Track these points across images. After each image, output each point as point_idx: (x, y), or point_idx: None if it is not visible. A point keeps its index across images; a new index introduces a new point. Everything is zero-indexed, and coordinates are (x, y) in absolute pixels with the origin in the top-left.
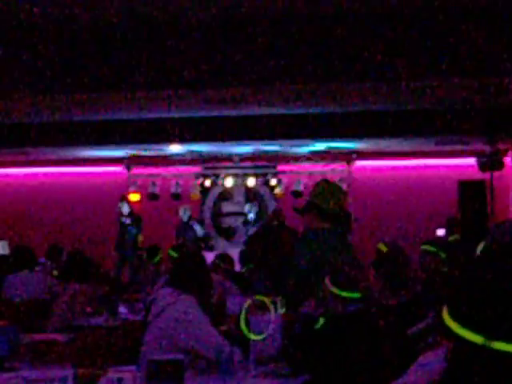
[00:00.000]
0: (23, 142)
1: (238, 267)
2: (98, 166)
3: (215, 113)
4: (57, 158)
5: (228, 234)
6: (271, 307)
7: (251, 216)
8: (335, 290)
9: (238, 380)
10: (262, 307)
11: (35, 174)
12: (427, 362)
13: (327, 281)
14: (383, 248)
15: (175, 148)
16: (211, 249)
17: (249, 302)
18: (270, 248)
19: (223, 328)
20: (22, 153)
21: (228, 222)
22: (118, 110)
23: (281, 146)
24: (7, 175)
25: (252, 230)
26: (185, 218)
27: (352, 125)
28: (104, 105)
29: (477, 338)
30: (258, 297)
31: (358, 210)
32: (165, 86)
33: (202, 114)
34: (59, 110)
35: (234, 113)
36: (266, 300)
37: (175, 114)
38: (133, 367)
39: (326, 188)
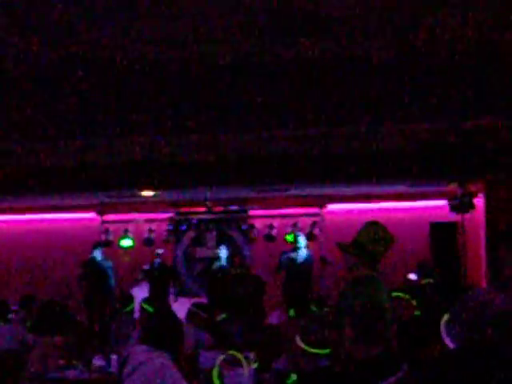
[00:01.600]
0: None
1: None
2: (69, 213)
3: (188, 158)
4: (28, 205)
5: (201, 279)
6: (244, 362)
7: (223, 262)
8: (305, 347)
9: None
10: (235, 362)
11: (6, 222)
12: None
13: (297, 338)
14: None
15: (147, 193)
16: (186, 294)
17: (222, 356)
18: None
19: (196, 382)
20: None
21: (201, 266)
22: (90, 156)
23: (253, 190)
24: None
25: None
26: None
27: (324, 169)
28: (76, 151)
29: None
30: (231, 352)
31: (331, 254)
32: (137, 132)
33: (175, 159)
34: (29, 156)
35: (205, 158)
36: (239, 355)
37: (147, 159)
38: None
39: (379, 232)
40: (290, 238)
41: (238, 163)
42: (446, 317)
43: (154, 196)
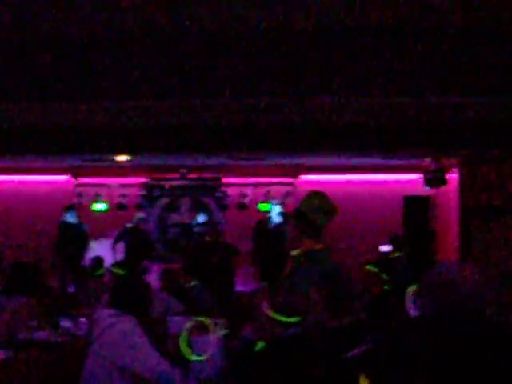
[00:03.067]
0: None
1: None
2: (43, 175)
3: (163, 123)
4: (2, 165)
5: (174, 245)
6: (212, 328)
7: (198, 228)
8: (273, 314)
9: None
10: (204, 328)
11: None
12: None
13: (265, 305)
14: None
15: (121, 158)
16: (158, 260)
17: (190, 322)
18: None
19: (164, 348)
20: None
21: (174, 233)
22: (65, 119)
23: (227, 158)
24: None
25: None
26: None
27: (298, 138)
28: (51, 113)
29: None
30: (199, 318)
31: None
32: (112, 96)
33: (149, 124)
34: (4, 116)
35: (180, 124)
36: (208, 321)
37: (122, 124)
38: None
39: (319, 202)
40: (262, 206)
41: (213, 130)
42: (411, 288)
43: (128, 161)
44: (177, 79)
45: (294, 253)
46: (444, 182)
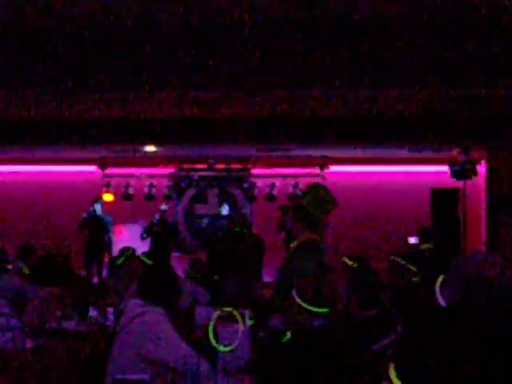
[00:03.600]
0: None
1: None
2: (71, 166)
3: (191, 114)
4: (30, 156)
5: (201, 236)
6: (240, 319)
7: (224, 219)
8: (303, 304)
9: None
10: (231, 318)
11: (7, 173)
12: None
13: (294, 294)
14: (348, 262)
15: (149, 149)
16: (185, 251)
17: (217, 313)
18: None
19: (191, 339)
20: None
21: (201, 223)
22: (94, 110)
23: (256, 149)
24: None
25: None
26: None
27: (326, 130)
28: (79, 105)
29: None
30: (226, 308)
31: (331, 215)
32: (140, 88)
33: (178, 115)
34: (34, 107)
35: (210, 115)
36: (235, 312)
37: (151, 115)
38: None
39: (319, 194)
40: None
41: (242, 122)
42: (440, 278)
43: (156, 151)
44: (205, 71)
45: (292, 244)
46: (474, 173)
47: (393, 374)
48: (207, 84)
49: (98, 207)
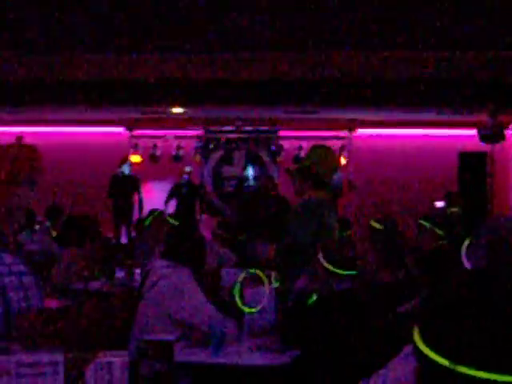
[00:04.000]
0: (21, 101)
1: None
2: (98, 127)
3: (218, 76)
4: (57, 117)
5: (228, 198)
6: (265, 280)
7: (250, 180)
8: (329, 267)
9: (231, 352)
10: (257, 280)
11: (35, 134)
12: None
13: (321, 257)
14: (375, 225)
15: (177, 110)
16: (212, 212)
17: (243, 274)
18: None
19: (217, 300)
20: (20, 111)
21: (228, 185)
22: (120, 70)
23: (283, 111)
24: (4, 134)
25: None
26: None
27: (354, 93)
28: (106, 65)
29: (443, 361)
30: (252, 270)
31: (358, 177)
32: (167, 49)
33: (205, 76)
34: (60, 68)
35: (236, 76)
36: (260, 273)
37: (178, 76)
38: (123, 352)
39: (323, 154)
40: None
41: (269, 83)
42: (466, 241)
43: (183, 113)
44: (231, 33)
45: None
46: (503, 137)
47: (417, 337)
48: (234, 45)
49: (125, 168)
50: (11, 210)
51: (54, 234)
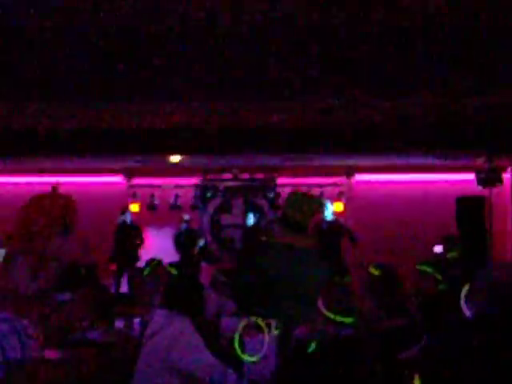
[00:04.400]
0: (20, 151)
1: None
2: (97, 176)
3: (216, 125)
4: (55, 166)
5: (227, 245)
6: (265, 329)
7: (248, 228)
8: (328, 314)
9: None
10: (257, 328)
11: (33, 183)
12: None
13: (320, 304)
14: (374, 271)
15: (175, 159)
16: (211, 261)
17: (243, 323)
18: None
19: (217, 349)
20: (18, 161)
21: (227, 233)
22: (118, 120)
23: (280, 159)
24: (4, 184)
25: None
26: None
27: (351, 140)
28: (105, 115)
29: None
30: (252, 318)
31: (356, 224)
32: (165, 98)
33: (203, 125)
34: (59, 118)
35: (234, 125)
36: (260, 322)
37: (174, 125)
38: None
39: (298, 200)
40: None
41: (266, 131)
42: (466, 287)
43: (181, 162)
44: (229, 83)
45: None
46: (500, 181)
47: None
48: (231, 94)
49: (127, 217)
50: (45, 259)
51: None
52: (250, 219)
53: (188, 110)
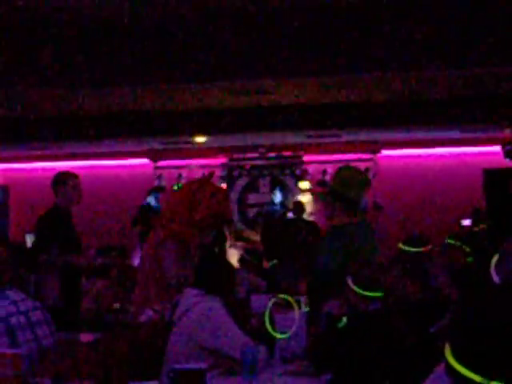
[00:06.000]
0: (47, 136)
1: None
2: (123, 159)
3: (241, 104)
4: (81, 151)
5: (254, 225)
6: (295, 306)
7: (277, 206)
8: (357, 290)
9: (263, 379)
10: (287, 305)
11: (59, 168)
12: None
13: (349, 280)
14: (403, 246)
15: (200, 140)
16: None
17: (273, 300)
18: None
19: (248, 327)
20: (45, 147)
21: (254, 212)
22: (143, 102)
23: (306, 136)
24: (32, 169)
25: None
26: None
27: (378, 115)
28: (129, 98)
29: (476, 377)
30: (281, 295)
31: (383, 199)
32: (189, 78)
33: (228, 105)
34: (87, 102)
35: (259, 103)
36: (290, 298)
37: (200, 106)
38: (155, 383)
39: (350, 176)
40: None
41: (291, 109)
42: (496, 256)
43: (206, 142)
44: (252, 60)
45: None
46: None
47: (449, 354)
48: (254, 72)
49: (151, 199)
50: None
51: None
52: (278, 197)
53: (211, 90)
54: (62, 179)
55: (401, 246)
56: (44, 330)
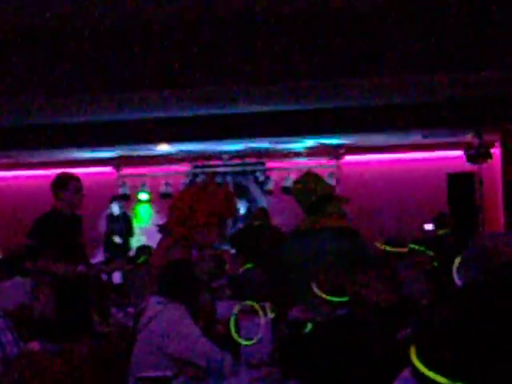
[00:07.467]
0: (10, 145)
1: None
2: (86, 167)
3: (203, 111)
4: (44, 159)
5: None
6: (261, 312)
7: (241, 213)
8: (322, 295)
9: None
10: (252, 312)
11: (22, 177)
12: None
13: (314, 286)
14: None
15: (163, 148)
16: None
17: (238, 306)
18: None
19: (213, 333)
20: (8, 155)
21: None
22: (106, 110)
23: (269, 142)
24: None
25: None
26: None
27: (340, 120)
28: (92, 106)
29: (441, 379)
30: (247, 302)
31: (347, 205)
32: (153, 86)
33: (190, 113)
34: (47, 111)
35: (221, 111)
36: (255, 305)
37: (163, 114)
38: None
39: (318, 178)
40: None
41: (254, 116)
42: (457, 260)
43: (170, 150)
44: (215, 68)
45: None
46: (489, 156)
47: (414, 356)
48: (218, 80)
49: (114, 208)
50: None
51: None
52: (242, 208)
53: (173, 98)
54: (63, 182)
55: (378, 244)
56: (7, 337)
